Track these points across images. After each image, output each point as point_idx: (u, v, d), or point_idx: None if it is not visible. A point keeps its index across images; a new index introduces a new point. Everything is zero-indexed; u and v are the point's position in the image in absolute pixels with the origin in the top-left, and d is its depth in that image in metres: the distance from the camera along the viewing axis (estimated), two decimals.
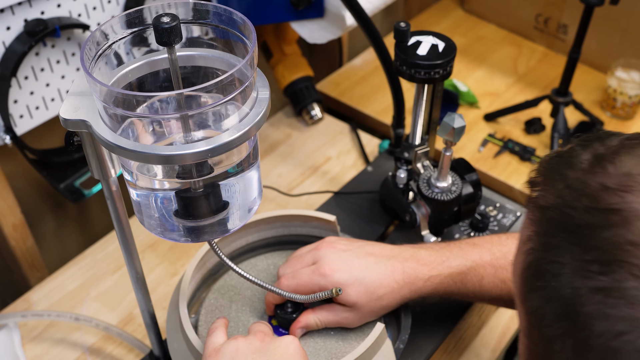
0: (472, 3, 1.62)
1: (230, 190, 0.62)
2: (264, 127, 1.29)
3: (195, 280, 0.84)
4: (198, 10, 0.58)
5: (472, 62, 1.47)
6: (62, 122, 0.56)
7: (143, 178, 0.61)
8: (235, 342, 0.68)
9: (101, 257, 1.05)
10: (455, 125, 0.80)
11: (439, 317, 0.89)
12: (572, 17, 1.42)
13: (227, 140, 0.54)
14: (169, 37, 0.52)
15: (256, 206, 0.66)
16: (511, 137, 1.27)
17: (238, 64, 0.53)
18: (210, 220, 0.62)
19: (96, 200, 1.18)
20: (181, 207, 0.61)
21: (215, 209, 0.62)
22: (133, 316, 0.97)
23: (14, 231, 1.02)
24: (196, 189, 0.60)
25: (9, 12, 0.88)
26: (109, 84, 0.57)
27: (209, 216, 0.62)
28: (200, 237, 0.63)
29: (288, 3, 1.10)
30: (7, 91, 0.90)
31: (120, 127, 0.55)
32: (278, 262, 0.89)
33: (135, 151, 0.53)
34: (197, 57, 0.60)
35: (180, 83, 0.56)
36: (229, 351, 0.67)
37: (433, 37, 0.89)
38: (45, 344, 0.93)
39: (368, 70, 1.45)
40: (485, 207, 1.05)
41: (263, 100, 0.57)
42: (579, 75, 1.37)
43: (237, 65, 0.53)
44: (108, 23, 0.56)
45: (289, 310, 0.80)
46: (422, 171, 0.93)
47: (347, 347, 0.79)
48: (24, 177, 1.05)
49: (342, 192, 1.08)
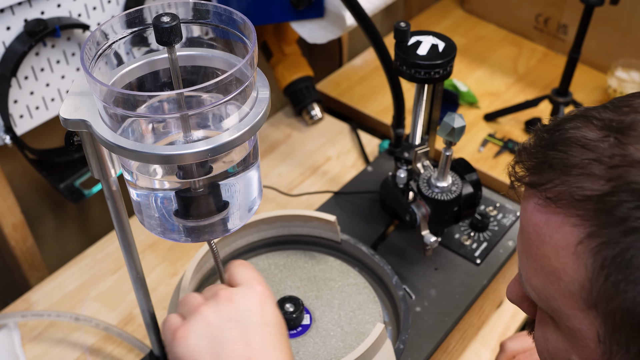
0: (472, 3, 1.62)
1: (231, 190, 0.62)
2: (264, 127, 1.29)
3: (195, 280, 0.84)
4: (198, 10, 0.58)
5: (472, 62, 1.48)
6: (62, 122, 0.56)
7: (143, 178, 0.61)
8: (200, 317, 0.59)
9: (101, 257, 1.05)
10: (455, 125, 0.80)
11: (439, 317, 0.89)
12: (572, 17, 1.42)
13: (227, 140, 0.54)
14: (169, 37, 0.52)
15: (256, 206, 0.66)
16: (511, 137, 1.27)
17: (238, 63, 0.53)
18: (210, 220, 0.62)
19: (96, 200, 1.18)
20: (181, 207, 0.61)
21: (215, 208, 0.62)
22: (133, 316, 0.97)
23: (14, 231, 1.02)
24: (196, 188, 0.60)
25: (9, 12, 0.88)
26: (109, 83, 0.57)
27: (209, 216, 0.62)
28: (200, 237, 0.63)
29: (288, 3, 1.10)
30: (7, 91, 0.90)
31: (120, 127, 0.55)
32: (278, 262, 0.89)
33: (135, 151, 0.53)
34: (197, 57, 0.60)
35: (180, 83, 0.56)
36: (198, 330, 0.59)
37: (433, 37, 0.89)
38: (45, 344, 0.93)
39: (368, 70, 1.45)
40: (485, 207, 1.05)
41: (263, 100, 0.57)
42: (579, 75, 1.37)
43: (237, 65, 0.53)
44: (108, 23, 0.56)
45: (289, 310, 0.80)
46: (422, 171, 0.93)
47: (347, 347, 0.79)
48: (24, 177, 1.05)
49: (342, 192, 1.08)
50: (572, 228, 0.47)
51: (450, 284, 0.93)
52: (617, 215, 0.45)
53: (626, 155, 0.46)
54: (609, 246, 0.45)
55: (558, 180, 0.48)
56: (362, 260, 0.90)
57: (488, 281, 0.95)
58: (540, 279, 0.52)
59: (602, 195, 0.45)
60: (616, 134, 0.47)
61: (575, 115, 0.51)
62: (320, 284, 0.86)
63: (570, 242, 0.48)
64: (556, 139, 0.50)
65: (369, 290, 0.86)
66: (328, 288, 0.86)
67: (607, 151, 0.46)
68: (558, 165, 0.48)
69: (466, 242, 0.99)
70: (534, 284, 0.53)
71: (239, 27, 0.57)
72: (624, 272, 0.45)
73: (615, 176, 0.45)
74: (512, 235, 1.01)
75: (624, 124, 0.48)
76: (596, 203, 0.46)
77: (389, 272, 0.86)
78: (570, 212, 0.47)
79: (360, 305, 0.84)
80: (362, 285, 0.86)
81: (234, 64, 0.58)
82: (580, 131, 0.49)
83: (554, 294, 0.50)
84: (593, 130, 0.49)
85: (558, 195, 0.48)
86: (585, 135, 0.48)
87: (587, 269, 0.47)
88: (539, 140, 0.52)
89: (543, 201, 0.49)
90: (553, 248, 0.49)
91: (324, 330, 0.81)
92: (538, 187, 0.50)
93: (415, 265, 0.96)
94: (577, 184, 0.47)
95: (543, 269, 0.51)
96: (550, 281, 0.50)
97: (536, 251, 0.51)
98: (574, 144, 0.48)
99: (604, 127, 0.48)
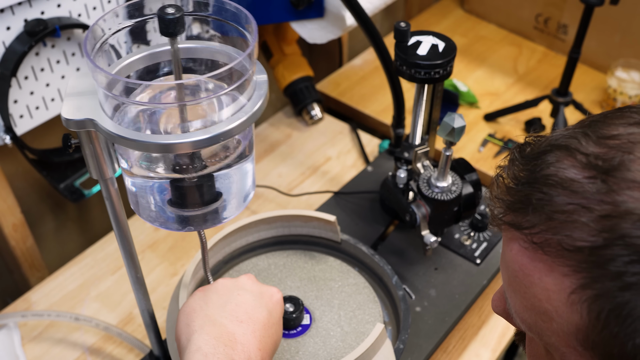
0: (472, 3, 1.62)
1: (226, 181, 0.63)
2: (264, 127, 1.29)
3: (195, 280, 0.84)
4: (198, 3, 0.59)
5: (472, 62, 1.47)
6: (64, 123, 0.56)
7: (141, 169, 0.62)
8: (222, 280, 0.70)
9: (101, 257, 1.05)
10: (455, 125, 0.80)
11: (439, 317, 0.89)
12: (572, 17, 1.42)
13: (224, 130, 0.55)
14: (174, 28, 0.53)
15: (249, 198, 0.67)
16: (511, 137, 1.27)
17: (239, 56, 0.54)
18: (204, 210, 0.63)
19: (96, 201, 1.18)
20: (176, 196, 0.62)
21: (209, 199, 0.62)
22: (133, 316, 0.97)
23: (14, 231, 1.02)
24: (191, 178, 0.61)
25: (9, 12, 0.88)
26: None
27: (202, 206, 0.63)
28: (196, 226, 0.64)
29: (288, 3, 1.10)
30: (7, 91, 0.90)
31: (123, 119, 0.56)
32: (278, 262, 0.89)
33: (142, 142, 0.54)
34: (198, 49, 0.61)
35: (180, 74, 0.58)
36: (214, 287, 0.69)
37: (433, 37, 0.89)
38: (45, 344, 0.93)
39: (368, 70, 1.45)
40: (485, 207, 1.04)
41: (261, 92, 0.58)
42: (579, 75, 1.37)
43: (238, 58, 0.54)
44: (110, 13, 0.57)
45: (289, 310, 0.80)
46: (422, 171, 0.93)
47: (347, 347, 0.79)
48: (24, 177, 1.05)
49: (342, 192, 1.08)
50: (562, 277, 0.45)
51: (450, 284, 0.93)
52: (612, 270, 0.42)
53: (616, 204, 0.43)
54: (605, 299, 0.43)
55: (543, 225, 0.45)
56: (362, 260, 0.90)
57: (488, 281, 0.95)
58: (531, 316, 0.49)
59: (594, 248, 0.43)
60: (603, 176, 0.44)
61: (556, 145, 0.47)
62: (320, 284, 0.86)
63: (562, 288, 0.45)
64: (537, 176, 0.46)
65: (369, 290, 0.86)
66: (328, 288, 0.86)
67: (596, 197, 0.43)
68: (541, 208, 0.45)
69: (466, 242, 0.99)
70: (524, 319, 0.50)
71: (240, 21, 0.58)
72: (622, 325, 0.43)
73: (607, 228, 0.42)
74: None
75: (611, 164, 0.44)
76: (588, 255, 0.43)
77: (389, 272, 0.86)
78: (559, 261, 0.45)
79: (360, 305, 0.84)
80: (362, 285, 0.86)
81: (234, 56, 0.59)
82: (563, 169, 0.45)
83: (547, 331, 0.48)
84: (577, 167, 0.45)
85: (545, 242, 0.45)
86: (568, 176, 0.45)
87: (582, 317, 0.44)
88: (517, 172, 0.49)
89: (529, 245, 0.47)
90: (543, 290, 0.46)
91: (324, 330, 0.81)
92: (522, 230, 0.47)
93: (415, 265, 0.96)
94: (565, 232, 0.44)
95: (534, 307, 0.48)
96: (543, 320, 0.48)
97: (525, 290, 0.48)
98: (557, 185, 0.45)
99: (589, 165, 0.44)
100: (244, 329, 0.64)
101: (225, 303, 0.66)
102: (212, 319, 0.64)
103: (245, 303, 0.67)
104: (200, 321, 0.64)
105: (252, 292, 0.69)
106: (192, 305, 0.67)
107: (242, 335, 0.64)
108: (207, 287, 0.70)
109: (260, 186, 1.15)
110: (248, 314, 0.66)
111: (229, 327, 0.64)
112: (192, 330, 0.63)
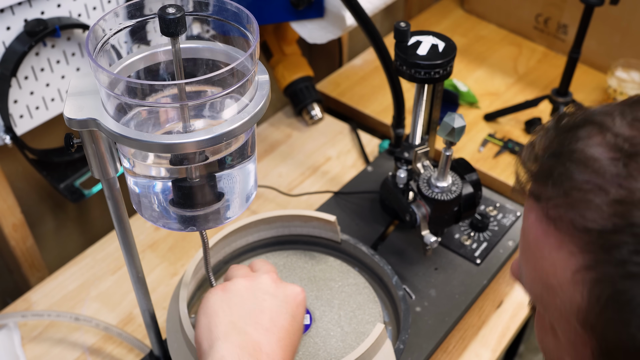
0: (472, 3, 1.62)
1: (228, 181, 0.63)
2: (264, 127, 1.29)
3: (195, 280, 0.84)
4: (199, 3, 0.59)
5: (472, 62, 1.48)
6: (67, 122, 0.56)
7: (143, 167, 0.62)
8: (243, 280, 0.67)
9: (101, 257, 1.05)
10: (455, 125, 0.80)
11: (439, 317, 0.89)
12: (572, 17, 1.42)
13: (226, 130, 0.55)
14: (175, 28, 0.53)
15: (252, 198, 0.67)
16: (511, 137, 1.27)
17: (240, 57, 0.54)
18: (206, 210, 0.63)
19: (96, 200, 1.18)
20: (178, 196, 0.62)
21: (211, 199, 0.62)
22: (133, 316, 0.97)
23: (14, 231, 1.02)
24: (193, 178, 0.61)
25: (9, 12, 0.88)
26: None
27: (205, 206, 0.63)
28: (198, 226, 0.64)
29: (288, 3, 1.10)
30: (7, 91, 0.90)
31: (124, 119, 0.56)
32: (278, 262, 0.89)
33: (145, 141, 0.54)
34: (199, 50, 0.61)
35: (182, 74, 0.58)
36: (236, 288, 0.66)
37: (433, 37, 0.89)
38: (45, 344, 0.93)
39: (368, 70, 1.45)
40: (485, 207, 1.05)
41: (263, 92, 0.58)
42: (579, 75, 1.37)
43: (240, 58, 0.54)
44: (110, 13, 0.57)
45: None
46: (422, 171, 0.93)
47: (347, 347, 0.79)
48: (24, 177, 1.05)
49: (342, 192, 1.08)
50: (570, 255, 0.46)
51: (450, 284, 0.93)
52: (616, 256, 0.43)
53: (632, 190, 0.43)
54: (606, 285, 0.44)
55: (559, 200, 0.46)
56: (362, 260, 0.90)
57: (488, 281, 0.95)
58: (539, 288, 0.51)
59: (603, 231, 0.43)
60: (626, 159, 0.44)
61: (591, 120, 0.47)
62: (320, 284, 0.86)
63: (567, 265, 0.46)
64: (565, 150, 0.47)
65: (369, 290, 0.86)
66: (328, 288, 0.86)
67: (614, 180, 0.43)
68: (560, 183, 0.46)
69: (466, 242, 0.99)
70: (533, 290, 0.52)
71: (241, 21, 0.58)
72: (619, 312, 0.43)
73: (618, 213, 0.43)
74: (512, 235, 1.01)
75: (637, 149, 0.44)
76: (597, 238, 0.44)
77: (389, 272, 0.86)
78: (569, 239, 0.45)
79: (360, 305, 0.84)
80: (362, 285, 0.86)
81: (236, 57, 0.60)
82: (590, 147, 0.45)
83: (551, 305, 0.49)
84: (604, 146, 0.45)
85: (559, 217, 0.46)
86: (592, 155, 0.45)
87: (583, 298, 0.45)
88: (549, 142, 0.49)
89: (544, 218, 0.47)
90: (552, 265, 0.48)
91: (324, 330, 0.81)
92: (539, 201, 0.48)
93: (415, 265, 0.96)
94: (578, 210, 0.44)
95: (541, 280, 0.50)
96: (548, 294, 0.49)
97: (535, 262, 0.50)
98: (580, 161, 0.45)
99: (616, 146, 0.44)
100: (269, 337, 0.63)
101: (250, 309, 0.65)
102: (236, 326, 0.63)
103: (270, 309, 0.66)
104: (224, 328, 0.63)
105: (276, 296, 0.68)
106: (214, 307, 0.66)
107: (268, 345, 0.63)
108: (228, 285, 0.68)
109: (260, 186, 1.15)
110: (273, 320, 0.65)
111: (254, 336, 0.63)
112: (216, 337, 0.63)
